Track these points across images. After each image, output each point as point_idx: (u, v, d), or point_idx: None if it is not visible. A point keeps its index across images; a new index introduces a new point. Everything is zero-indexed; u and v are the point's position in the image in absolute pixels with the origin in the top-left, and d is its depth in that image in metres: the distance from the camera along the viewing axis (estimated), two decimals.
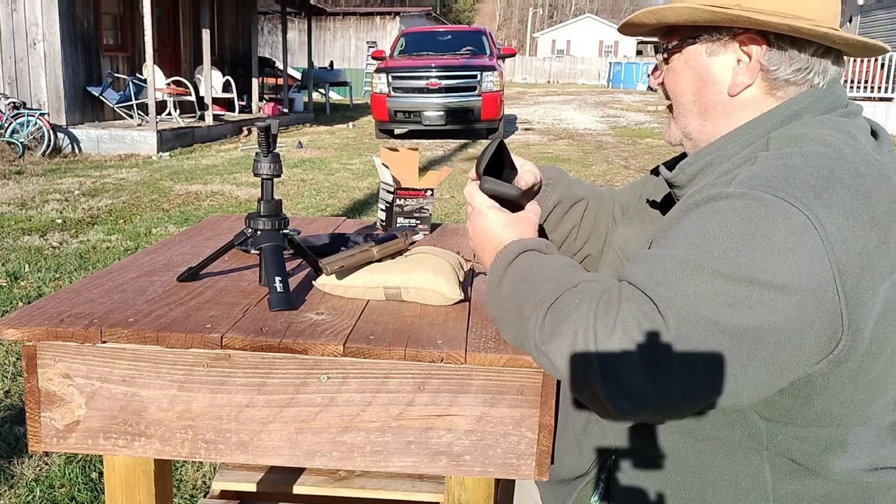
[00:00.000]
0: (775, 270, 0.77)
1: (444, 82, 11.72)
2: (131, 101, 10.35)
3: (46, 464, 2.30)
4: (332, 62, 20.39)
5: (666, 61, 1.05)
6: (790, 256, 0.77)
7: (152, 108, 9.87)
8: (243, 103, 13.68)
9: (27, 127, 9.03)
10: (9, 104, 9.21)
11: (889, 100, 13.60)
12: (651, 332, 0.77)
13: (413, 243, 1.47)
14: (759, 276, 0.77)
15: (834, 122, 0.92)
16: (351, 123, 14.86)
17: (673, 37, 1.03)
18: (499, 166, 1.10)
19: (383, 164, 1.61)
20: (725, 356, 0.77)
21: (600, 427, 1.04)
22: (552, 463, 1.02)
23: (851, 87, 13.74)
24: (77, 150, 9.80)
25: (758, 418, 0.90)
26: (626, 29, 1.10)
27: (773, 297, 0.77)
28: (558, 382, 1.01)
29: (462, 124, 11.81)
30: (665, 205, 1.16)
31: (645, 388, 0.77)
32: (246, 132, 12.08)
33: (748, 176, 0.85)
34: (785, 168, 0.84)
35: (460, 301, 1.11)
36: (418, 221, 1.60)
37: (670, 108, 1.08)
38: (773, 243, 0.78)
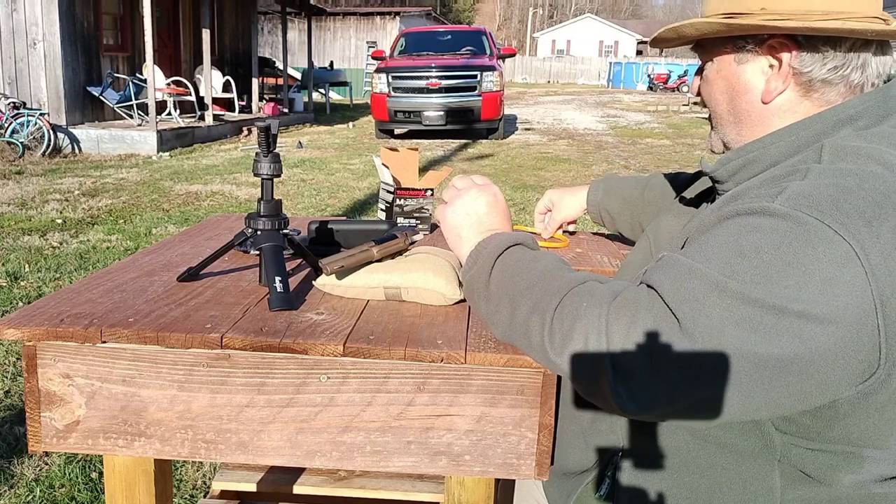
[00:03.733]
0: (809, 300, 0.74)
1: (445, 82, 11.72)
2: (131, 101, 10.34)
3: (46, 464, 2.30)
4: (332, 62, 20.39)
5: (701, 71, 1.04)
6: (827, 287, 0.74)
7: (152, 108, 9.87)
8: (243, 103, 13.68)
9: (27, 127, 9.03)
10: (9, 104, 9.21)
11: None
12: (668, 346, 0.76)
13: (413, 243, 1.46)
14: (790, 305, 0.74)
15: (894, 137, 0.87)
16: (351, 123, 14.85)
17: (702, 48, 1.02)
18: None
19: (383, 164, 1.60)
20: (744, 380, 0.76)
21: (608, 424, 1.03)
22: (552, 463, 1.02)
23: None
24: (77, 150, 9.80)
25: (774, 431, 0.88)
26: (657, 44, 1.11)
27: (803, 326, 0.74)
28: (558, 381, 1.01)
29: (462, 124, 11.81)
30: (702, 198, 1.14)
31: (658, 398, 0.79)
32: (246, 132, 12.08)
33: (796, 193, 0.81)
34: (837, 189, 0.79)
35: (460, 301, 1.11)
36: (418, 221, 1.60)
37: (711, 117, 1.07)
38: (811, 272, 0.75)
